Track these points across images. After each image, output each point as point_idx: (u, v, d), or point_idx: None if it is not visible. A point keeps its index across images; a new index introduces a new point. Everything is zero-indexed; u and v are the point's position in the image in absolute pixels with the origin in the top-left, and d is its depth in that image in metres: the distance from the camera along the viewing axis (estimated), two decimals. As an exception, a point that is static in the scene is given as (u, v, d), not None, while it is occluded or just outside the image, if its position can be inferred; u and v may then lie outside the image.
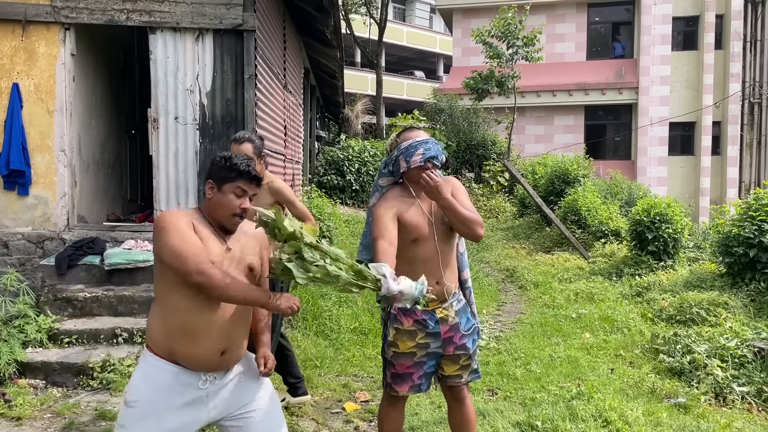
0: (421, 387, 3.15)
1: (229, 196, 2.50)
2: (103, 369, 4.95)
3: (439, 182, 2.89)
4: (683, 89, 19.25)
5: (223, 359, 2.51)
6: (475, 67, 16.05)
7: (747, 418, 4.42)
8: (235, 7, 6.34)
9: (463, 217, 2.92)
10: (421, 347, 3.08)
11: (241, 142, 3.90)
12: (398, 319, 3.11)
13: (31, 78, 6.30)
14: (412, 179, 3.05)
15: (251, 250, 2.60)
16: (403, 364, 3.11)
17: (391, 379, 3.17)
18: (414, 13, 38.75)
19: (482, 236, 3.01)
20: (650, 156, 19.03)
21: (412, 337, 3.08)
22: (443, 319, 3.08)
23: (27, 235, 6.33)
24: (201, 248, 2.39)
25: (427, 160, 2.99)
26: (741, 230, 7.42)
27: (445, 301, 3.10)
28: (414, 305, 2.57)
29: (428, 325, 3.07)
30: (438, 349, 3.11)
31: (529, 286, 9.03)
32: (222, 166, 2.53)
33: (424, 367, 3.12)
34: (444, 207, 2.94)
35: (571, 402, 4.45)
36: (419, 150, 2.99)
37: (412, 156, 3.00)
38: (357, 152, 15.00)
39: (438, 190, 2.88)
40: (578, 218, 11.69)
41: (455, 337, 3.10)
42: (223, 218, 2.52)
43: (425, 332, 3.07)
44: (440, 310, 3.09)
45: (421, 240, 3.02)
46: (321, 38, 10.25)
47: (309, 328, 6.18)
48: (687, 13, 19.35)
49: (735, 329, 5.78)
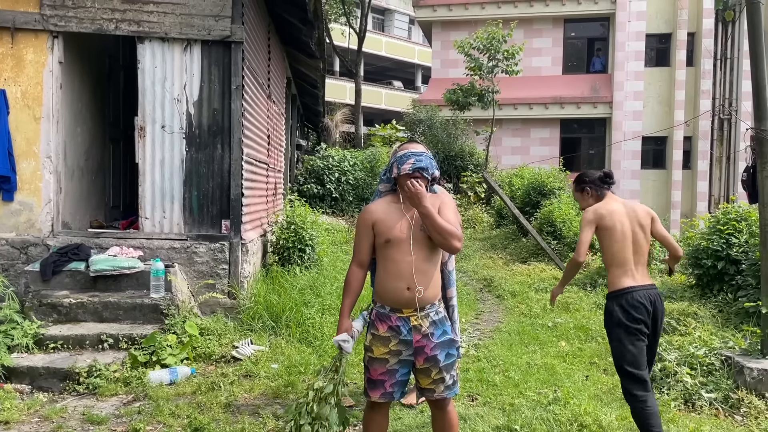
0: (393, 395, 3.26)
1: None
2: (89, 374, 5.00)
3: (420, 191, 3.05)
4: (656, 104, 19.74)
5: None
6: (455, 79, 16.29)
7: (714, 423, 4.61)
8: (223, 19, 6.45)
9: (439, 227, 3.08)
10: (394, 354, 3.20)
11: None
12: (374, 325, 3.27)
13: (19, 85, 6.33)
14: (400, 185, 3.24)
15: None
16: (376, 370, 3.23)
17: (366, 384, 3.30)
18: (393, 24, 39.08)
19: (459, 249, 3.17)
20: (623, 169, 19.44)
21: (386, 344, 3.20)
22: (416, 327, 3.19)
23: (11, 241, 6.35)
24: None
25: (415, 170, 3.17)
26: (710, 243, 7.68)
27: (421, 310, 3.20)
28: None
29: (401, 332, 3.19)
30: (410, 357, 3.21)
31: (506, 296, 9.22)
32: None
33: (397, 375, 3.22)
34: (422, 215, 3.11)
35: (548, 407, 4.63)
36: (410, 159, 3.20)
37: (403, 164, 3.21)
38: (337, 161, 15.14)
39: (418, 198, 3.05)
40: (554, 229, 11.94)
41: (426, 347, 3.19)
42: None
43: (398, 339, 3.19)
44: (414, 318, 3.20)
45: (395, 242, 3.17)
46: (304, 49, 10.39)
47: (293, 335, 6.28)
48: (660, 31, 19.87)
49: (704, 338, 6.00)
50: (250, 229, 7.17)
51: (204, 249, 6.51)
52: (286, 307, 6.54)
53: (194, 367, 5.46)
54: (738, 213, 7.85)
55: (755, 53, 5.30)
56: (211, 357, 5.68)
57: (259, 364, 5.55)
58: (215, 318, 6.26)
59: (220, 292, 6.49)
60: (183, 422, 4.35)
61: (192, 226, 6.56)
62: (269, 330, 6.33)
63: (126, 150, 8.64)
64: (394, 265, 3.18)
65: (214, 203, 6.59)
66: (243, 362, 5.60)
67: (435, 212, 3.09)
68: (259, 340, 6.06)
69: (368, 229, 3.25)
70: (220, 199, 6.60)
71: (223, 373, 5.36)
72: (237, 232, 6.58)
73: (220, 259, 6.53)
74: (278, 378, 5.25)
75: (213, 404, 4.67)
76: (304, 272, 7.82)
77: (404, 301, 3.17)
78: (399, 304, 3.19)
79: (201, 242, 6.51)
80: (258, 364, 5.53)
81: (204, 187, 6.56)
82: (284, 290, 6.91)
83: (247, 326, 6.34)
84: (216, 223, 6.59)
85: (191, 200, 6.56)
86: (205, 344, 5.77)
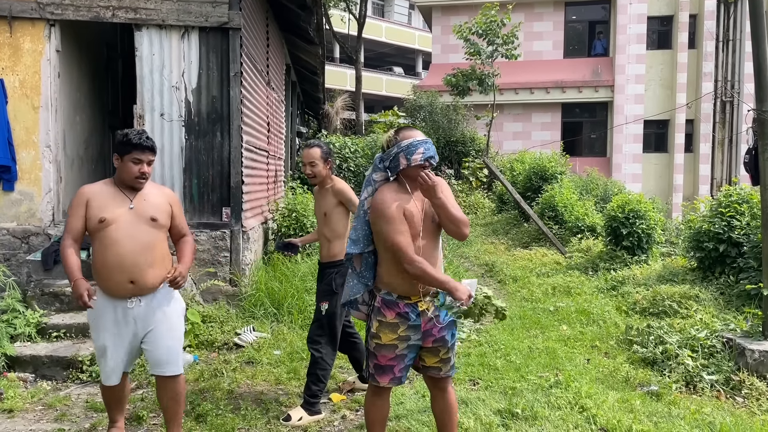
0: (402, 379, 3.29)
1: (128, 164, 3.40)
2: (93, 362, 5.02)
3: (436, 181, 3.05)
4: (657, 88, 19.64)
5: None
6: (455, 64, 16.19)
7: (715, 405, 4.63)
8: (220, 5, 6.42)
9: (454, 216, 3.09)
10: (403, 339, 3.21)
11: (310, 147, 4.41)
12: (381, 312, 3.24)
13: (16, 74, 6.31)
14: (409, 176, 3.18)
15: (154, 207, 3.50)
16: (384, 356, 3.23)
17: (373, 370, 3.30)
18: (393, 9, 38.85)
19: (467, 236, 3.18)
20: (625, 153, 19.38)
21: (394, 330, 3.20)
22: (423, 311, 3.21)
23: (12, 231, 6.36)
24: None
25: (426, 159, 3.13)
26: (711, 226, 7.66)
27: (427, 295, 3.22)
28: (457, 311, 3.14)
29: (410, 318, 3.20)
30: (418, 341, 3.23)
31: (508, 281, 9.22)
32: (120, 141, 3.42)
33: (405, 360, 3.24)
34: (437, 206, 3.09)
35: (549, 390, 4.65)
36: (420, 149, 3.12)
37: (413, 154, 3.12)
38: (338, 148, 15.09)
39: (434, 189, 3.04)
40: (555, 214, 11.92)
41: (434, 330, 3.22)
42: (129, 181, 3.43)
43: (407, 325, 3.20)
44: (421, 303, 3.21)
45: (413, 234, 3.15)
46: (303, 35, 10.33)
47: (294, 322, 6.30)
48: (661, 13, 19.73)
49: (705, 321, 6.01)
50: (250, 216, 7.17)
51: (205, 237, 6.52)
52: (288, 294, 6.56)
53: (197, 354, 5.49)
54: (739, 195, 7.82)
55: (757, 35, 5.26)
56: (213, 344, 5.70)
57: (261, 350, 5.57)
58: (217, 305, 6.28)
59: (222, 280, 6.50)
60: (186, 409, 4.37)
61: (193, 214, 6.55)
62: (271, 317, 6.35)
63: (126, 139, 8.61)
64: None
65: (214, 191, 6.59)
66: (245, 349, 5.63)
67: (448, 202, 3.09)
68: (261, 327, 6.08)
69: (402, 215, 3.12)
70: (220, 186, 6.59)
71: (226, 360, 5.39)
72: (238, 220, 6.58)
73: (221, 246, 6.53)
74: (281, 364, 5.27)
75: (216, 391, 4.69)
76: (305, 259, 7.83)
77: (413, 288, 3.18)
78: (408, 291, 3.19)
79: (202, 230, 6.52)
80: (260, 351, 5.55)
81: (204, 175, 6.55)
82: (286, 277, 6.92)
83: (249, 313, 6.36)
84: (216, 211, 6.59)
85: (191, 188, 6.56)
86: (207, 331, 5.79)
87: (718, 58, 19.63)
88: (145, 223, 3.44)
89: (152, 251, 3.44)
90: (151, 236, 3.46)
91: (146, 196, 3.51)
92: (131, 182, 3.44)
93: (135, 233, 3.40)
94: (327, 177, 4.42)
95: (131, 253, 3.37)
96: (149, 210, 3.47)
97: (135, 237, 3.39)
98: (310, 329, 4.45)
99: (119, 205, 3.42)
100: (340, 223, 4.40)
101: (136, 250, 3.38)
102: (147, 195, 3.51)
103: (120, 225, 3.38)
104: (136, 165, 3.40)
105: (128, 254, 3.36)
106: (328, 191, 4.41)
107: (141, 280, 3.40)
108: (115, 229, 3.37)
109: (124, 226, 3.38)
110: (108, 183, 3.51)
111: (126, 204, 3.43)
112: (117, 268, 3.35)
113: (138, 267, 3.38)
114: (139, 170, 3.41)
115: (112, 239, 3.36)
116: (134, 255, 3.37)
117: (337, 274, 4.36)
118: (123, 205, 3.42)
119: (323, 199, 4.46)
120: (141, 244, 3.40)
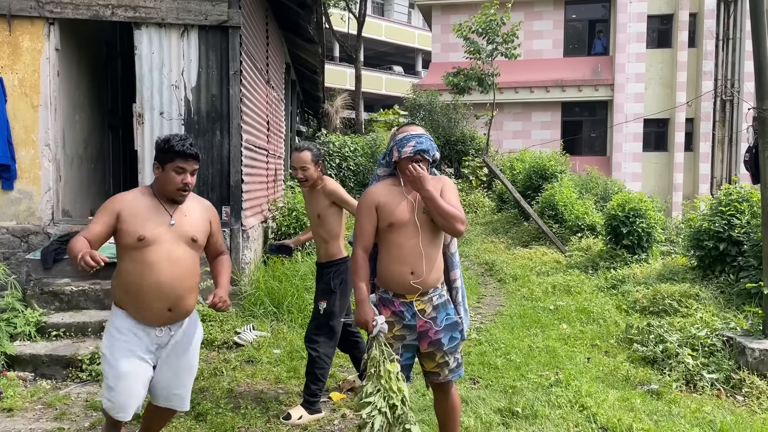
0: None
1: (170, 174, 3.04)
2: (92, 361, 5.02)
3: (422, 174, 3.03)
4: (657, 86, 19.62)
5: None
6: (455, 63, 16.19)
7: (716, 403, 4.62)
8: (220, 4, 6.41)
9: (442, 209, 3.06)
10: (398, 339, 3.19)
11: (300, 150, 4.35)
12: (378, 310, 3.24)
13: (16, 72, 6.30)
14: (401, 169, 3.20)
15: (195, 225, 3.16)
16: None
17: None
18: (392, 8, 38.82)
19: (462, 232, 3.14)
20: (625, 152, 19.37)
21: (390, 329, 3.18)
22: (420, 312, 3.19)
23: (11, 230, 6.35)
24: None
25: (416, 153, 3.13)
26: (711, 225, 7.66)
27: (424, 294, 3.20)
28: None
29: (405, 317, 3.18)
30: (414, 341, 3.22)
31: (508, 280, 9.22)
32: (161, 148, 3.06)
33: (401, 360, 3.21)
34: (425, 198, 3.08)
35: (549, 389, 4.65)
36: (411, 142, 3.14)
37: (404, 147, 3.15)
38: (338, 147, 15.09)
39: (420, 181, 3.03)
40: (555, 213, 11.92)
41: (430, 332, 3.19)
42: (170, 192, 3.07)
43: (402, 324, 3.19)
44: (418, 302, 3.19)
45: (397, 226, 3.14)
46: (303, 34, 10.32)
47: (294, 320, 6.29)
48: (661, 12, 19.71)
49: (705, 319, 6.00)
50: (250, 215, 7.17)
51: (204, 236, 6.49)
52: (288, 293, 6.55)
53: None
54: (740, 194, 7.82)
55: (757, 33, 5.25)
56: (213, 343, 5.69)
57: (261, 349, 5.57)
58: (217, 304, 6.27)
59: (222, 279, 6.47)
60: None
61: (192, 213, 6.53)
62: (271, 316, 6.34)
63: (125, 137, 8.63)
64: (397, 249, 3.16)
65: (214, 190, 6.58)
66: (245, 348, 5.62)
67: (437, 195, 3.07)
68: (261, 326, 6.08)
69: (372, 212, 3.19)
70: (219, 185, 6.59)
71: (226, 359, 5.38)
72: (237, 219, 6.57)
73: (220, 245, 6.52)
74: (280, 363, 5.26)
75: (215, 390, 4.68)
76: (305, 258, 7.82)
77: (408, 286, 3.15)
78: (402, 288, 3.17)
79: (201, 229, 6.49)
80: (260, 350, 5.55)
81: (203, 174, 6.54)
82: (285, 276, 6.91)
83: (248, 312, 6.35)
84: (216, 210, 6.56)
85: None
86: (207, 330, 5.78)
87: (718, 57, 19.61)
88: (185, 243, 3.09)
89: (192, 277, 3.13)
90: (191, 259, 3.12)
91: (186, 211, 3.15)
92: (173, 194, 3.06)
93: (176, 256, 3.04)
94: (318, 178, 4.40)
95: (171, 279, 3.01)
96: (190, 229, 3.12)
97: (176, 261, 3.04)
98: (308, 328, 4.44)
99: (159, 221, 3.04)
100: (335, 223, 4.39)
101: (177, 275, 3.04)
102: (188, 210, 3.16)
103: (161, 246, 3.00)
104: (179, 175, 3.03)
105: (168, 280, 3.00)
106: (319, 192, 4.37)
107: (179, 307, 3.08)
108: (155, 251, 2.99)
109: (165, 247, 3.01)
110: (144, 193, 3.12)
111: (166, 220, 3.06)
112: (155, 295, 2.99)
113: (177, 294, 3.04)
114: (182, 181, 3.04)
115: (150, 261, 2.98)
116: (174, 281, 3.02)
117: (334, 274, 4.35)
118: (163, 222, 3.04)
119: (315, 200, 4.42)
120: (182, 269, 3.06)
